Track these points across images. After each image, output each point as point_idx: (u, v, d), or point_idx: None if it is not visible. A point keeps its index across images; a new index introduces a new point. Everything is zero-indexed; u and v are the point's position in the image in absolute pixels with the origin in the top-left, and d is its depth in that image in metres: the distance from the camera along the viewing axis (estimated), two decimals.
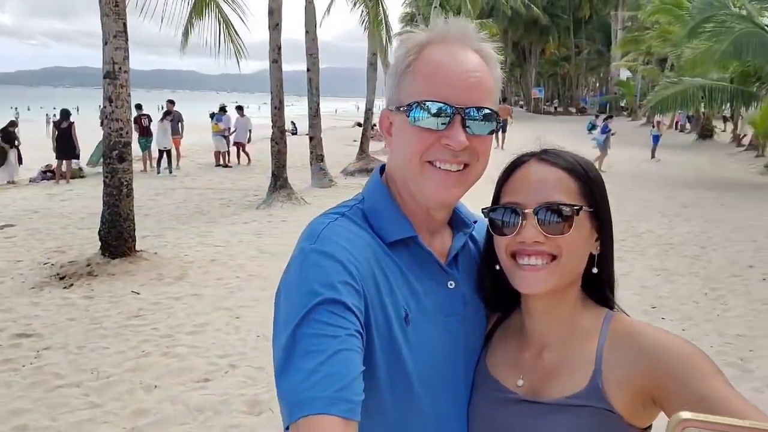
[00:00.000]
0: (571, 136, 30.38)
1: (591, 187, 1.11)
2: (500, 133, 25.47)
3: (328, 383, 0.88)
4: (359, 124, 44.72)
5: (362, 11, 19.02)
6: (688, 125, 35.17)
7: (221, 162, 18.21)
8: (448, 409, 1.14)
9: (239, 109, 19.46)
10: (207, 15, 12.19)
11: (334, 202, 1.22)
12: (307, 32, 14.21)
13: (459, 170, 1.10)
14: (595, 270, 1.14)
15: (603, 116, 21.87)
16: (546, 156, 1.13)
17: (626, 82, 46.99)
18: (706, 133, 28.25)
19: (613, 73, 51.10)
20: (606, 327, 1.10)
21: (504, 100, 34.04)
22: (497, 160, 1.17)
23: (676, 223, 10.53)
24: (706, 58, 16.08)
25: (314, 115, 14.50)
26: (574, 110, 59.82)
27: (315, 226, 1.10)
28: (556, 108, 65.32)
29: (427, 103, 1.07)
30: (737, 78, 17.95)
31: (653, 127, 21.91)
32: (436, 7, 30.46)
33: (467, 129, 1.07)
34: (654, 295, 6.53)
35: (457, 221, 1.25)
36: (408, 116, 1.08)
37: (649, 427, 1.05)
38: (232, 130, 18.78)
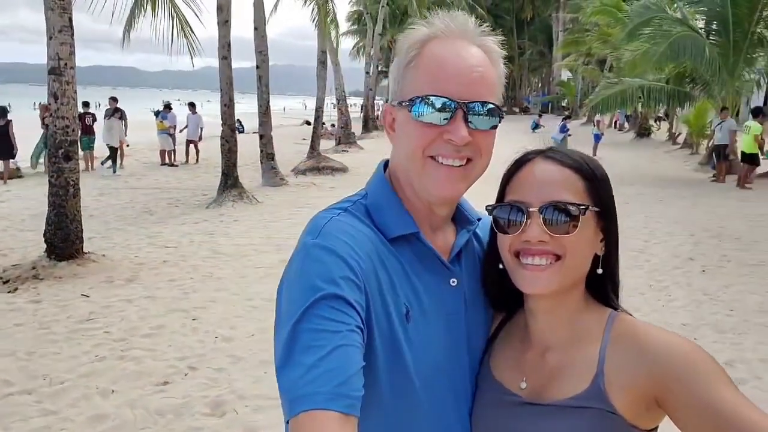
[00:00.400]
0: (516, 134, 31.12)
1: (597, 187, 1.09)
2: None
3: (328, 379, 0.88)
4: (308, 123, 44.41)
5: (313, 9, 18.94)
6: (626, 124, 36.49)
7: (167, 161, 17.77)
8: (449, 407, 1.14)
9: (191, 105, 19.08)
10: (157, 9, 11.86)
11: (287, 201, 1.21)
12: (256, 29, 14.04)
13: (462, 165, 1.10)
14: (599, 271, 1.12)
15: (561, 116, 22.43)
16: (552, 154, 1.11)
17: (567, 83, 48.36)
18: (643, 132, 29.38)
19: (555, 74, 52.51)
20: (609, 328, 1.08)
21: None
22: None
23: (620, 219, 10.79)
24: (644, 60, 16.73)
25: (264, 112, 14.34)
26: (517, 110, 61.12)
27: (317, 220, 1.10)
28: None
29: (429, 97, 1.06)
30: (673, 79, 18.76)
31: (594, 126, 22.56)
32: (383, 6, 30.60)
33: (469, 124, 1.07)
34: None
35: (460, 218, 1.24)
36: (410, 111, 1.08)
37: (654, 429, 1.05)
38: (182, 127, 18.39)
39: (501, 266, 1.14)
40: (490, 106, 1.08)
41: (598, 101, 17.88)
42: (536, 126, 34.02)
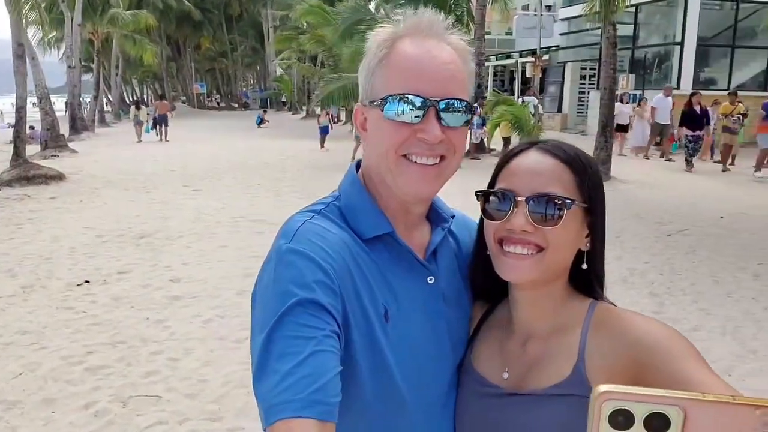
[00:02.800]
0: (241, 130, 31.00)
1: (588, 182, 1.09)
2: (162, 126, 24.81)
3: (304, 385, 0.88)
4: None
5: None
6: (342, 117, 38.97)
7: None
8: (435, 406, 1.14)
9: None
10: None
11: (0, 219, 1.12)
12: None
13: (435, 164, 1.10)
14: (584, 266, 1.12)
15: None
16: (547, 146, 1.12)
17: (283, 78, 49.59)
18: None
19: (270, 69, 53.41)
20: (590, 316, 1.09)
21: (162, 96, 32.78)
22: (166, 153, 1.14)
23: None
24: (359, 57, 18.18)
25: None
26: (236, 105, 60.76)
27: (290, 224, 1.09)
28: (219, 103, 65.37)
29: (402, 96, 1.06)
30: None
31: (323, 119, 23.33)
32: None
33: (442, 121, 1.07)
34: None
35: (435, 216, 1.24)
36: (382, 110, 1.08)
37: None
38: None
39: (488, 253, 1.15)
40: (463, 103, 1.09)
41: (326, 96, 18.88)
42: (261, 121, 34.33)
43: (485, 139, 17.94)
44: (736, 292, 6.35)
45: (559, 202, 1.06)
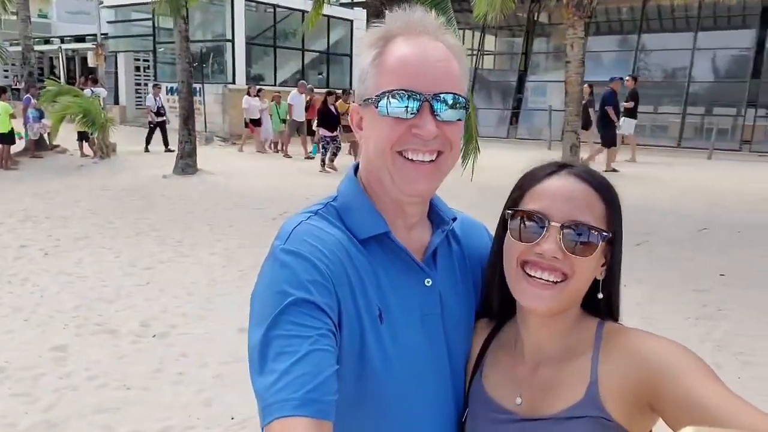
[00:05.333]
0: None
1: (614, 213, 1.10)
2: None
3: (300, 384, 0.89)
4: None
5: None
6: None
7: None
8: (423, 411, 1.12)
9: None
10: None
11: None
12: None
13: (432, 160, 1.09)
14: (600, 295, 1.12)
15: None
16: (578, 170, 1.11)
17: None
18: None
19: None
20: (599, 337, 1.09)
21: None
22: None
23: None
24: None
25: None
26: None
27: (286, 225, 1.10)
28: None
29: (396, 92, 1.06)
30: None
31: None
32: None
33: (437, 116, 1.06)
34: None
35: (435, 217, 1.22)
36: (377, 107, 1.07)
37: None
38: None
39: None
40: (457, 97, 1.09)
41: None
42: None
43: (46, 135, 15.83)
44: None
45: (595, 233, 1.05)
